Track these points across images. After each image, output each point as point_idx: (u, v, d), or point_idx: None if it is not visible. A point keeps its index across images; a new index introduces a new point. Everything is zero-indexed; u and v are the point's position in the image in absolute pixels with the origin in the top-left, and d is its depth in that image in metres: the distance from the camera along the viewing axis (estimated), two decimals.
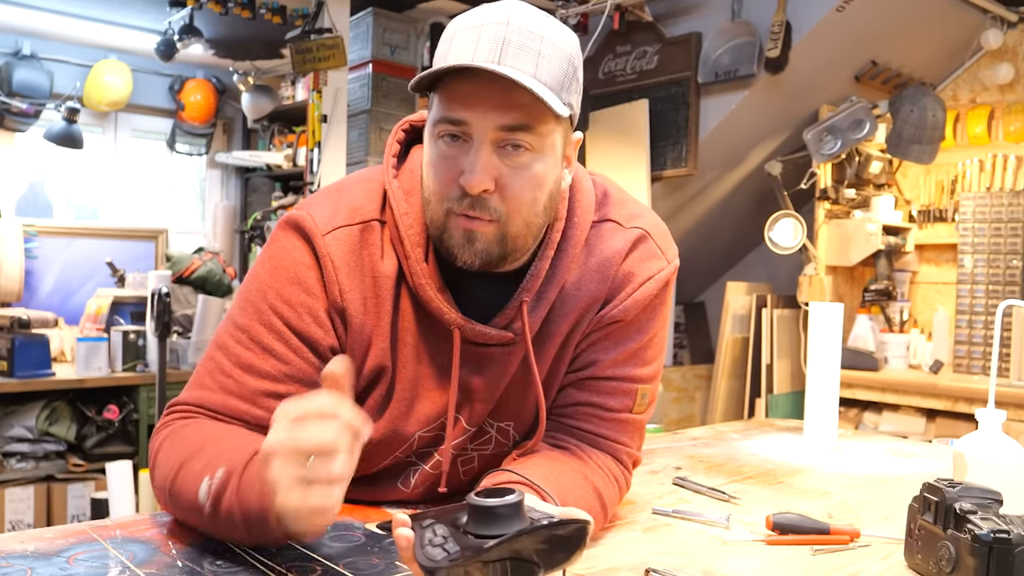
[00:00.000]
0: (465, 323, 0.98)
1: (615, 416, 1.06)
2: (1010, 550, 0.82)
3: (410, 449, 1.06)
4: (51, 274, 4.04)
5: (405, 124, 1.05)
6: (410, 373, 1.02)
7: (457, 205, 0.91)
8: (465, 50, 0.88)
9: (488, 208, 0.90)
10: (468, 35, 0.89)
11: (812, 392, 1.72)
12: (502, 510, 0.72)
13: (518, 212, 0.92)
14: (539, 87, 0.87)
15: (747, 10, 3.48)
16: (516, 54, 0.87)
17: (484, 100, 0.88)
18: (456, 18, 0.93)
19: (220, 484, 0.84)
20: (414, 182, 1.00)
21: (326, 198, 1.02)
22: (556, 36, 0.91)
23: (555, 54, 0.90)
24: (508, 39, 0.87)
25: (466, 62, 0.87)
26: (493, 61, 0.86)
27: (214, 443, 0.90)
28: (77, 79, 4.09)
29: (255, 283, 1.00)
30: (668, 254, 1.08)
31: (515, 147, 0.90)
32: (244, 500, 0.82)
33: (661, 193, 3.79)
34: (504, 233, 0.92)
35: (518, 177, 0.91)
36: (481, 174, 0.88)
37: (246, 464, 0.83)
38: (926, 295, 3.99)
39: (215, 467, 0.86)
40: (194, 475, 0.88)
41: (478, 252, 0.92)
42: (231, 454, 0.86)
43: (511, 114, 0.88)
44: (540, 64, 0.88)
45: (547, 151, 0.92)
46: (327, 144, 3.51)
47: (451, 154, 0.91)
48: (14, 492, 3.25)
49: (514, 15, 0.89)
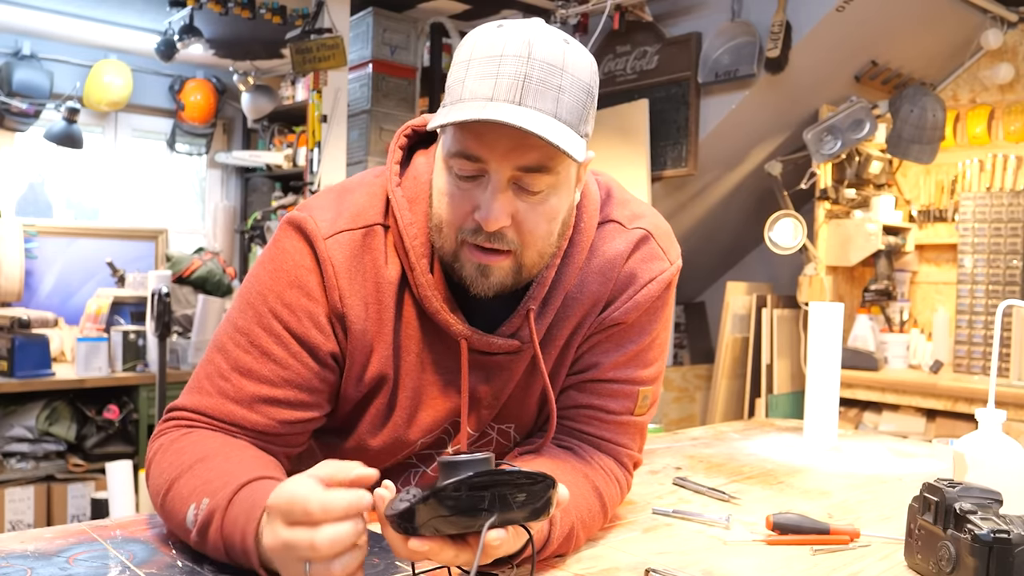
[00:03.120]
0: (471, 334, 0.97)
1: (616, 418, 1.06)
2: (1010, 550, 0.82)
3: (411, 454, 1.06)
4: (51, 274, 4.04)
5: (407, 129, 1.03)
6: (414, 381, 1.01)
7: (471, 237, 0.90)
8: (484, 84, 0.85)
9: (504, 240, 0.90)
10: (487, 67, 0.86)
11: (812, 392, 1.72)
12: (469, 464, 0.72)
13: (533, 245, 0.92)
14: (559, 131, 0.85)
15: (747, 10, 3.48)
16: (537, 92, 0.85)
17: (502, 139, 0.86)
18: (473, 37, 0.90)
19: (205, 517, 0.83)
20: (418, 190, 0.99)
21: (329, 200, 1.01)
22: (575, 66, 0.88)
23: (575, 86, 0.87)
24: (529, 76, 0.85)
25: (485, 98, 0.84)
26: (514, 100, 0.84)
27: (204, 464, 0.88)
28: (77, 79, 4.09)
29: (255, 285, 0.99)
30: (670, 255, 1.07)
31: (531, 184, 0.89)
32: (228, 537, 0.81)
33: (661, 193, 3.79)
34: (520, 265, 0.92)
35: (533, 212, 0.90)
36: (499, 213, 0.87)
37: (229, 500, 0.82)
38: (926, 295, 3.99)
39: (201, 495, 0.85)
40: (182, 499, 0.87)
41: (492, 285, 0.92)
42: (216, 483, 0.85)
43: (530, 155, 0.87)
44: (560, 101, 0.86)
45: (562, 184, 0.92)
46: (327, 144, 3.50)
47: (466, 187, 0.90)
48: (14, 492, 3.25)
49: (535, 45, 0.86)
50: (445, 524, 0.72)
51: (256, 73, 4.46)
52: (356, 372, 1.00)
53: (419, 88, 4.14)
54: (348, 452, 1.05)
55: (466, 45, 0.90)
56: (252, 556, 0.78)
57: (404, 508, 0.71)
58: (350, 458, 1.05)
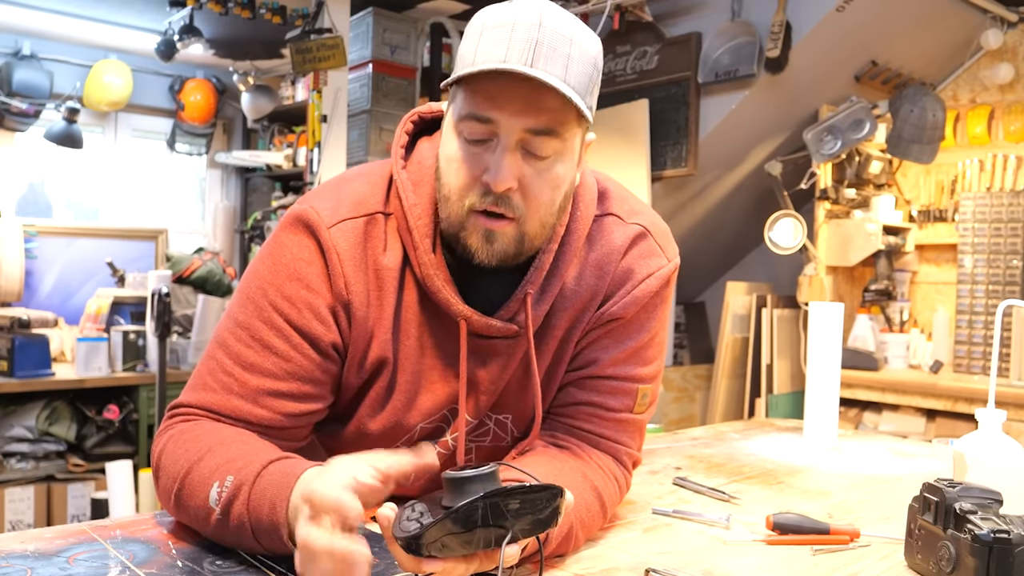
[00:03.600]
0: (472, 314, 0.98)
1: (616, 416, 1.06)
2: (1010, 550, 0.82)
3: (410, 441, 1.06)
4: (51, 274, 4.04)
5: (414, 116, 1.05)
6: (413, 365, 1.02)
7: (480, 201, 0.91)
8: (497, 48, 0.87)
9: (511, 205, 0.91)
10: (499, 33, 0.88)
11: (812, 392, 1.72)
12: (475, 479, 0.73)
13: (536, 212, 0.93)
14: (569, 91, 0.87)
15: (747, 10, 3.48)
16: (548, 56, 0.87)
17: (513, 100, 0.88)
18: (484, 12, 0.93)
19: (231, 493, 0.84)
20: (422, 173, 1.00)
21: (328, 191, 1.02)
22: (583, 39, 0.91)
23: (583, 58, 0.90)
24: (540, 41, 0.87)
25: (499, 62, 0.87)
26: (526, 63, 0.86)
27: (222, 447, 0.89)
28: (77, 79, 4.09)
29: (255, 279, 0.99)
30: (668, 252, 1.08)
31: (539, 148, 0.90)
32: (255, 511, 0.82)
33: (661, 193, 3.79)
34: (523, 232, 0.93)
35: (539, 178, 0.92)
36: (507, 173, 0.89)
37: (257, 475, 0.84)
38: (926, 295, 3.99)
39: (224, 474, 0.86)
40: (203, 479, 0.87)
41: (496, 252, 0.93)
42: (240, 462, 0.86)
43: (539, 118, 0.89)
44: (570, 67, 0.88)
45: (567, 153, 0.93)
46: (327, 144, 3.51)
47: (475, 151, 0.91)
48: (14, 492, 3.25)
49: (546, 16, 0.89)
50: (455, 542, 0.72)
51: (256, 73, 4.46)
52: (357, 359, 1.01)
53: (419, 88, 4.14)
54: (348, 438, 1.06)
55: (476, 20, 0.92)
56: (281, 529, 0.80)
57: (415, 531, 0.71)
58: (350, 445, 1.06)
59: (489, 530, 0.72)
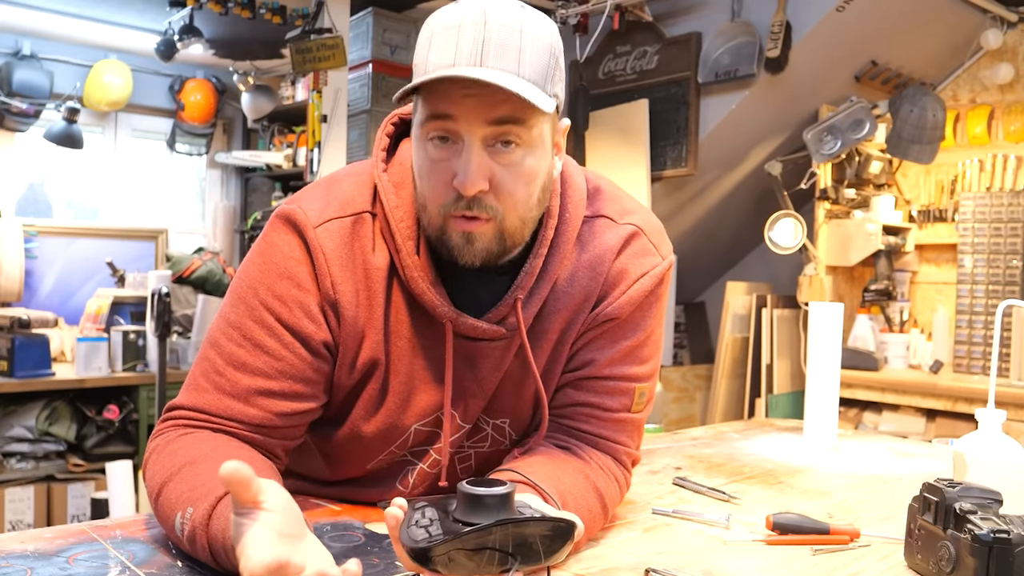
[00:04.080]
0: (457, 316, 0.98)
1: (614, 416, 1.06)
2: (1010, 550, 0.82)
3: (406, 444, 1.06)
4: (51, 274, 4.04)
5: (394, 117, 1.05)
6: (406, 366, 1.01)
7: (454, 208, 0.91)
8: (446, 53, 0.87)
9: (485, 207, 0.90)
10: (447, 37, 0.88)
11: (812, 392, 1.72)
12: (490, 500, 0.73)
13: (514, 209, 0.92)
14: (523, 85, 0.86)
15: (747, 10, 3.48)
16: (497, 53, 0.86)
17: (470, 97, 0.87)
18: (431, 18, 0.92)
19: (191, 529, 0.82)
20: (404, 175, 1.00)
21: (317, 191, 1.02)
22: (535, 28, 0.90)
23: (536, 47, 0.89)
24: (488, 38, 0.86)
25: (447, 66, 0.86)
26: (475, 63, 0.86)
27: (191, 469, 0.88)
28: (77, 79, 4.09)
29: (246, 279, 0.99)
30: (662, 250, 1.07)
31: (505, 144, 0.90)
32: (216, 552, 0.81)
33: (661, 193, 3.79)
34: (502, 230, 0.93)
35: (511, 174, 0.91)
36: (475, 175, 0.88)
37: (209, 516, 0.81)
38: (926, 295, 3.99)
39: (185, 504, 0.84)
40: (170, 504, 0.87)
41: (478, 252, 0.92)
42: (200, 491, 0.84)
43: (499, 108, 0.88)
44: (522, 60, 0.88)
45: (537, 144, 0.92)
46: (327, 144, 3.51)
47: (442, 156, 0.90)
48: (14, 492, 3.25)
49: (491, 12, 0.88)
50: (464, 560, 0.72)
51: (256, 73, 4.46)
52: (348, 359, 1.00)
53: None
54: (342, 441, 1.06)
55: (427, 26, 0.92)
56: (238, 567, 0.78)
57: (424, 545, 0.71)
58: (345, 448, 1.06)
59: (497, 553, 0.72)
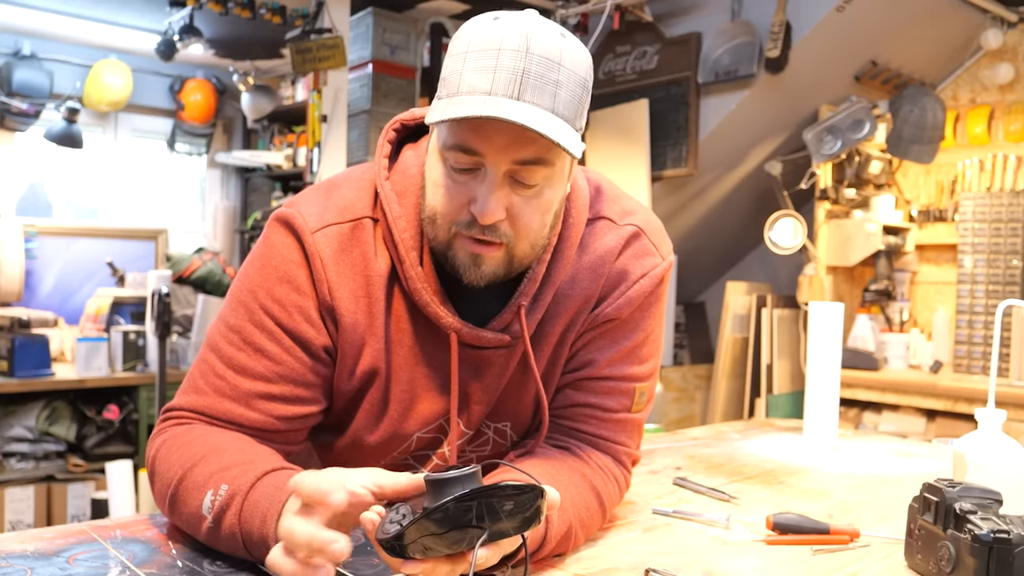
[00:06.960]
0: (462, 327, 0.97)
1: (614, 416, 1.06)
2: (1010, 550, 0.82)
3: (408, 450, 1.06)
4: (51, 274, 4.04)
5: (396, 123, 1.03)
6: (408, 375, 1.01)
7: (466, 229, 0.90)
8: (483, 78, 0.84)
9: (498, 233, 0.90)
10: (485, 60, 0.85)
11: (812, 392, 1.72)
12: (456, 480, 0.73)
13: (526, 237, 0.92)
14: (557, 126, 0.85)
15: (747, 10, 3.48)
16: (536, 87, 0.84)
17: (501, 133, 0.85)
18: (470, 28, 0.89)
19: (223, 503, 0.84)
20: (407, 183, 0.99)
21: (316, 196, 1.01)
22: (572, 60, 0.88)
23: (571, 81, 0.87)
24: (528, 70, 0.84)
25: (483, 92, 0.84)
26: (512, 95, 0.84)
27: (217, 454, 0.89)
28: (77, 79, 4.09)
29: (245, 282, 0.99)
30: (662, 250, 1.07)
31: (528, 179, 0.89)
32: (246, 523, 0.82)
33: (661, 193, 3.79)
34: (512, 256, 0.92)
35: (528, 205, 0.90)
36: (495, 207, 0.87)
37: (251, 486, 0.83)
38: (926, 295, 3.99)
39: (218, 482, 0.85)
40: (197, 486, 0.87)
41: (484, 275, 0.92)
42: (236, 470, 0.86)
43: (528, 149, 0.86)
44: (558, 96, 0.86)
45: (557, 177, 0.92)
46: (327, 144, 3.51)
47: (462, 179, 0.89)
48: (14, 492, 3.25)
49: (533, 39, 0.85)
50: (437, 543, 0.72)
51: (256, 73, 4.46)
52: (348, 366, 1.00)
53: (419, 88, 4.14)
54: (343, 449, 1.05)
55: (462, 37, 0.89)
56: (270, 542, 0.79)
57: (395, 532, 0.72)
58: (346, 455, 1.06)
59: (470, 531, 0.72)
